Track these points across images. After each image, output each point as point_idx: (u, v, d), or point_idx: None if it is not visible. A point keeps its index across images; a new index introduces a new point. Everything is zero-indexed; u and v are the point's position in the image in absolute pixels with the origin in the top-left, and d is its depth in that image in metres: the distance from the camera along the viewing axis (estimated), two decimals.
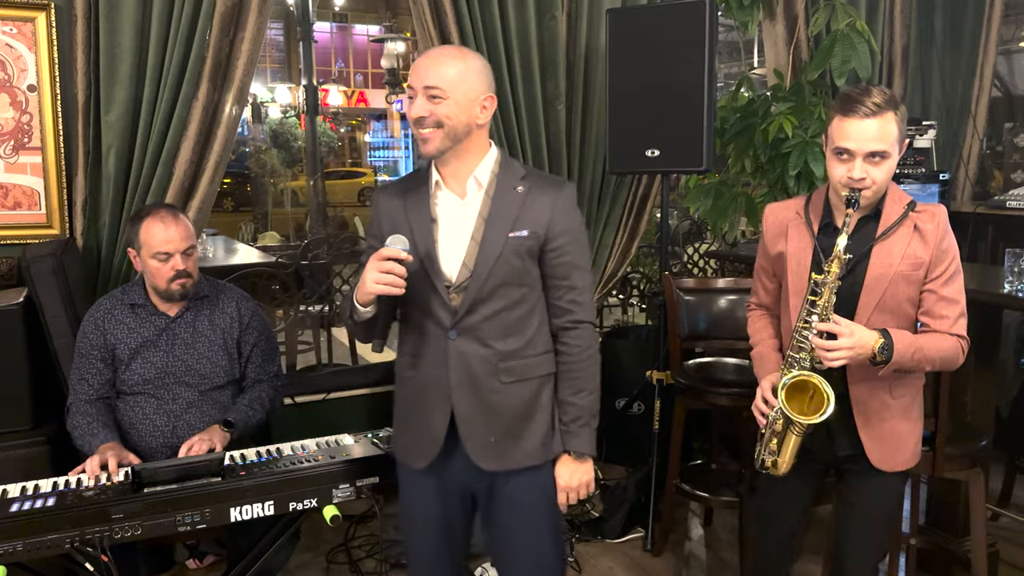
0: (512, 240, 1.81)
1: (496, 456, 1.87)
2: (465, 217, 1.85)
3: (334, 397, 3.70)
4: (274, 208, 16.68)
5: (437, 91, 1.75)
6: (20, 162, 2.92)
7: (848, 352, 1.84)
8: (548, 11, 3.49)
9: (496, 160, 1.88)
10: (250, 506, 2.04)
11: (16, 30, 2.85)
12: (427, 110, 1.76)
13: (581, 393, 1.90)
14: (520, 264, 1.83)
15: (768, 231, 2.14)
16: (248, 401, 2.53)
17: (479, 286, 1.81)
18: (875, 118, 1.84)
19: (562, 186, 1.89)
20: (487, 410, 1.85)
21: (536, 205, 1.84)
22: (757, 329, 2.20)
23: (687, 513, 3.60)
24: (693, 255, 5.50)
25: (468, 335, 1.83)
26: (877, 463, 2.00)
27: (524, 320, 1.86)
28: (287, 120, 16.60)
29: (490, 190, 1.85)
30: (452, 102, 1.76)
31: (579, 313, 1.89)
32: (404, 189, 1.92)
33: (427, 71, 1.76)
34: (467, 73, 1.78)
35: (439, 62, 1.78)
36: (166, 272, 2.43)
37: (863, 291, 1.94)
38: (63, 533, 1.89)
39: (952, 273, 1.94)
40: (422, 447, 1.90)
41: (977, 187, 4.70)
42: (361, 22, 23.51)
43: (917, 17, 4.44)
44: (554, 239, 1.85)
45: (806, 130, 3.52)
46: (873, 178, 1.87)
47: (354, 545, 3.21)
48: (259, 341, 2.62)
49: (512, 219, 1.82)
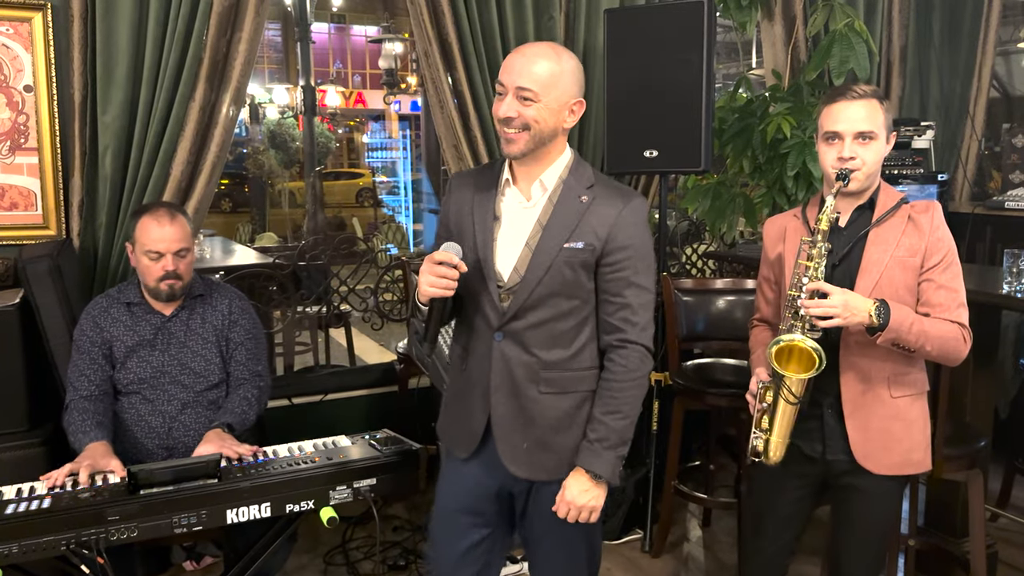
0: (566, 251, 1.78)
1: (526, 463, 1.85)
2: (527, 220, 1.83)
3: (331, 398, 3.70)
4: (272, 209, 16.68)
5: (529, 93, 1.71)
6: (16, 163, 2.91)
7: (839, 311, 1.84)
8: (546, 11, 3.48)
9: (567, 164, 1.84)
10: (247, 508, 2.03)
11: (12, 30, 2.85)
12: (516, 111, 1.73)
13: (615, 415, 1.81)
14: (572, 276, 1.79)
15: (768, 238, 2.17)
16: (238, 403, 2.50)
17: (527, 293, 1.79)
18: (861, 100, 1.93)
19: (630, 198, 1.82)
20: (523, 416, 1.84)
21: (597, 217, 1.79)
22: (758, 341, 2.20)
23: (685, 514, 3.60)
24: (691, 256, 5.49)
25: (513, 339, 1.82)
26: (862, 460, 1.98)
27: (571, 332, 1.82)
28: (285, 121, 16.60)
29: (554, 196, 1.82)
30: (543, 106, 1.72)
31: (630, 333, 1.81)
32: (476, 180, 1.90)
33: (521, 70, 1.72)
34: (561, 76, 1.73)
35: (534, 62, 1.72)
36: (156, 271, 2.43)
37: (860, 274, 1.95)
38: (59, 535, 1.88)
39: (949, 263, 1.96)
40: (464, 438, 1.91)
41: (975, 188, 4.70)
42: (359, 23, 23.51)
43: (915, 17, 4.44)
44: (611, 253, 1.79)
45: (804, 130, 3.52)
46: (863, 158, 1.92)
47: (351, 547, 3.21)
48: (245, 340, 2.59)
49: (570, 229, 1.78)
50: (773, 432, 1.98)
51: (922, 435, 2.02)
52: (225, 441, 2.30)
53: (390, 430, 2.41)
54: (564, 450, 1.84)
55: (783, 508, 2.15)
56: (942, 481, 2.67)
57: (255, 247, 8.38)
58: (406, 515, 3.47)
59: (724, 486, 3.61)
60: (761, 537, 2.21)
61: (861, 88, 1.94)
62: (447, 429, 2.00)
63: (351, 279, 4.31)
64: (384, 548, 3.19)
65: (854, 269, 1.96)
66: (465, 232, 1.87)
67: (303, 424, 3.50)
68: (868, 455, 1.98)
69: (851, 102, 1.93)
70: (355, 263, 4.51)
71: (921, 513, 2.95)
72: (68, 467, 2.14)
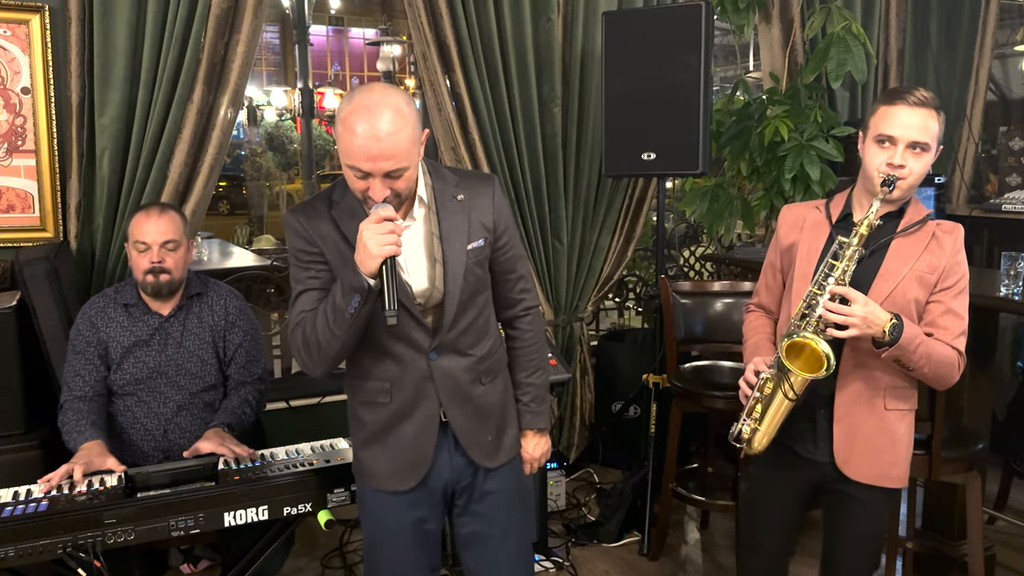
0: (471, 252, 1.82)
1: (496, 451, 1.93)
2: (416, 238, 1.80)
3: (329, 401, 3.69)
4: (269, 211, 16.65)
5: (397, 172, 1.64)
6: (14, 165, 2.91)
7: (859, 321, 1.81)
8: (544, 14, 3.49)
9: (426, 172, 1.82)
10: (244, 511, 2.03)
11: (10, 32, 2.84)
12: (388, 190, 1.65)
13: (537, 373, 2.01)
14: (482, 272, 1.88)
15: (784, 224, 2.12)
16: (238, 403, 2.51)
17: (453, 304, 1.80)
18: (921, 109, 1.86)
19: (491, 181, 1.90)
20: (479, 413, 1.89)
21: (478, 210, 1.84)
22: (754, 328, 2.18)
23: (683, 517, 3.59)
24: (689, 258, 5.50)
25: (448, 351, 1.84)
26: (841, 464, 1.97)
27: (488, 320, 1.93)
28: (283, 123, 16.58)
29: (432, 205, 1.81)
30: (409, 167, 1.66)
31: (528, 300, 1.99)
32: (332, 214, 1.78)
33: (381, 154, 1.60)
34: (409, 130, 1.63)
35: (390, 138, 1.59)
36: (143, 263, 2.42)
37: (877, 279, 1.93)
38: (56, 538, 1.88)
39: (961, 288, 1.94)
40: (408, 470, 1.85)
41: (972, 190, 4.71)
42: (357, 25, 23.51)
43: (912, 21, 4.45)
44: (500, 237, 1.89)
45: (802, 133, 3.53)
46: (911, 168, 1.87)
47: (349, 550, 3.20)
48: (244, 342, 2.59)
49: (465, 231, 1.82)
50: (763, 423, 1.97)
51: (905, 452, 2.02)
52: (224, 440, 2.30)
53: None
54: (513, 424, 1.99)
55: (778, 511, 2.14)
56: (940, 484, 2.67)
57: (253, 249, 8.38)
58: None
59: (722, 488, 3.61)
60: (758, 540, 2.20)
61: (922, 94, 1.87)
62: (381, 469, 1.87)
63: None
64: None
65: (871, 273, 1.94)
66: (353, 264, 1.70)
67: (300, 427, 3.49)
68: (848, 461, 1.98)
69: (912, 108, 1.86)
70: None
71: (919, 515, 2.95)
72: (64, 468, 2.14)
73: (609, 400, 3.95)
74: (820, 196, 3.64)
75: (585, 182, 3.72)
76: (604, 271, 3.88)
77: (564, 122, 3.63)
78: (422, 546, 1.93)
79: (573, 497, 3.71)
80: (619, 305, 5.33)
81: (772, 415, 1.96)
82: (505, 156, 3.50)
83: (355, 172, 1.64)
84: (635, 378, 3.56)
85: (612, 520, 3.38)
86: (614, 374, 3.96)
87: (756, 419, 1.98)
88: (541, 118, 3.56)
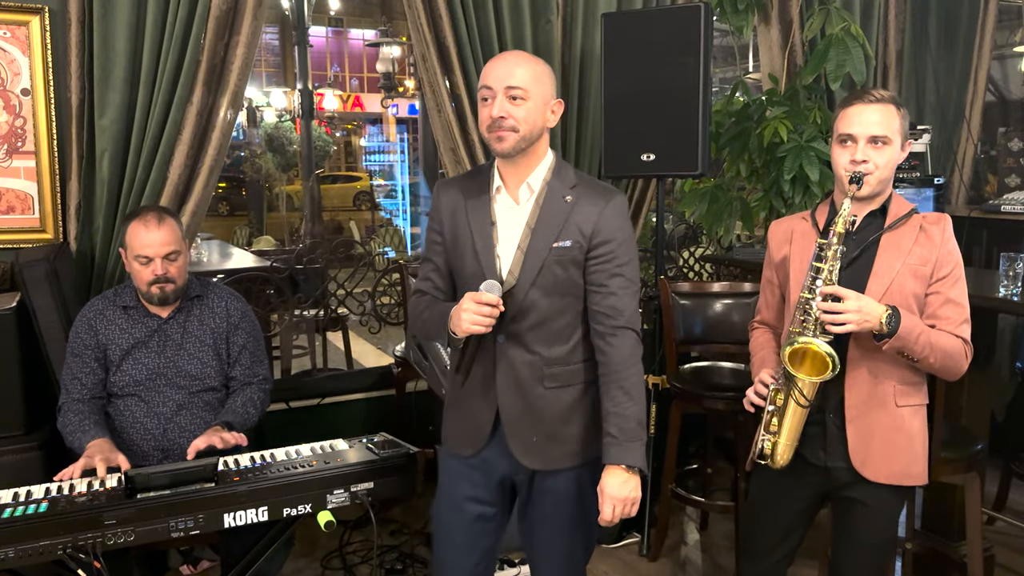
0: (555, 250, 1.85)
1: (537, 454, 1.92)
2: (517, 223, 1.89)
3: (329, 402, 3.69)
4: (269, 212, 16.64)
5: (519, 91, 1.80)
6: (13, 166, 2.91)
7: (854, 316, 1.83)
8: (543, 15, 3.49)
9: (550, 166, 1.91)
10: (244, 512, 2.03)
11: (10, 34, 2.85)
12: (506, 111, 1.80)
13: (627, 402, 1.84)
14: (563, 274, 1.86)
15: (773, 239, 2.15)
16: (241, 403, 2.51)
17: (523, 295, 1.85)
18: (877, 105, 1.91)
19: (612, 195, 1.89)
20: (531, 412, 1.90)
21: (582, 215, 1.86)
22: (760, 343, 2.19)
23: (683, 518, 3.59)
24: (688, 259, 5.50)
25: (514, 340, 1.88)
26: (859, 467, 1.97)
27: (569, 328, 1.90)
28: (282, 124, 16.57)
29: (540, 197, 1.88)
30: (531, 104, 1.81)
31: (619, 319, 1.86)
32: (464, 186, 1.96)
33: (508, 72, 1.80)
34: (542, 76, 1.83)
35: (517, 64, 1.82)
36: (146, 275, 2.42)
37: (871, 278, 1.94)
38: (56, 539, 1.87)
39: (957, 277, 1.96)
40: (469, 437, 1.97)
41: (972, 191, 4.71)
42: (357, 26, 23.51)
43: (911, 22, 4.45)
44: (597, 247, 1.86)
45: (801, 134, 3.53)
46: (875, 162, 1.91)
47: (349, 551, 3.20)
48: (248, 343, 2.60)
49: (557, 229, 1.85)
50: (782, 435, 1.98)
51: (922, 448, 2.01)
52: (220, 433, 2.32)
53: (387, 434, 2.41)
54: (571, 439, 1.92)
55: (784, 519, 2.13)
56: (939, 484, 2.67)
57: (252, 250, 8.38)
58: (403, 519, 3.47)
59: (721, 489, 3.61)
60: (760, 547, 2.19)
61: (879, 92, 1.94)
62: (452, 432, 2.04)
63: (348, 282, 4.31)
64: (381, 552, 3.18)
65: (864, 273, 1.95)
66: (462, 239, 1.91)
67: (300, 428, 3.49)
68: (866, 462, 1.97)
69: (867, 106, 1.92)
70: (352, 266, 4.51)
71: (918, 516, 2.95)
72: (82, 462, 2.16)
73: None
74: (819, 197, 3.65)
75: None
76: None
77: (563, 123, 3.63)
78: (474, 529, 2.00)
79: None
80: None
81: (789, 425, 1.97)
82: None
83: (485, 90, 1.83)
84: None
85: None
86: None
87: (774, 432, 1.99)
88: None
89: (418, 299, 2.01)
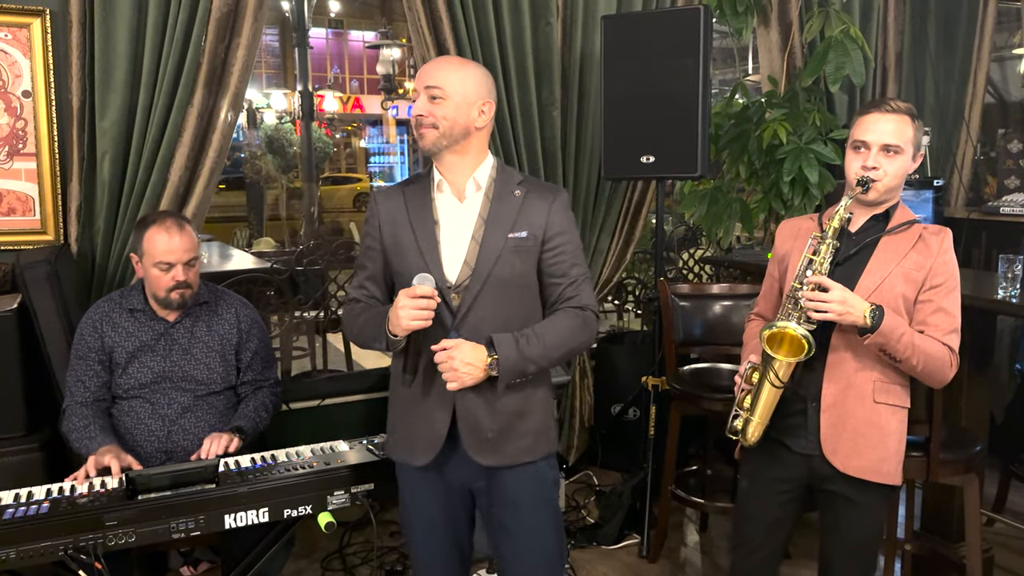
0: (512, 240, 1.89)
1: (492, 451, 1.91)
2: (465, 218, 1.92)
3: (329, 403, 3.69)
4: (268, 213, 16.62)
5: (437, 91, 1.86)
6: (15, 168, 2.91)
7: (837, 306, 1.88)
8: (543, 17, 3.50)
9: (494, 166, 1.97)
10: (244, 513, 2.03)
11: (11, 36, 2.85)
12: (426, 109, 1.86)
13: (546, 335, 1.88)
14: (520, 264, 1.90)
15: (780, 236, 2.21)
16: (254, 408, 2.54)
17: (480, 284, 1.87)
18: (893, 115, 1.97)
19: (558, 192, 1.97)
20: (487, 407, 1.90)
21: (533, 209, 1.92)
22: (752, 333, 2.23)
23: (682, 519, 3.60)
24: (688, 261, 5.51)
25: (469, 334, 1.87)
26: (829, 455, 2.00)
27: (522, 321, 1.91)
28: (283, 126, 16.56)
29: (489, 192, 1.94)
30: (451, 103, 1.86)
31: (581, 299, 1.94)
32: (404, 191, 1.99)
33: (429, 74, 1.88)
34: (467, 79, 1.89)
35: (440, 66, 1.92)
36: (166, 282, 2.43)
37: (864, 274, 1.99)
38: (57, 540, 1.88)
39: (951, 288, 1.98)
40: (424, 444, 1.93)
41: (971, 193, 4.71)
42: (357, 28, 23.51)
43: (911, 24, 4.46)
44: (551, 239, 1.92)
45: (800, 136, 3.54)
46: (885, 170, 1.96)
47: (349, 552, 3.21)
48: (259, 349, 2.63)
49: (511, 221, 1.90)
50: (755, 413, 2.02)
51: (896, 448, 2.03)
52: (221, 436, 2.35)
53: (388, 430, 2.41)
54: (527, 434, 1.94)
55: (771, 512, 2.15)
56: (938, 485, 2.68)
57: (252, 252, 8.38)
58: None
59: (721, 491, 3.61)
60: (748, 537, 2.21)
61: (896, 103, 1.99)
62: (402, 441, 2.00)
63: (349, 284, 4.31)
64: (381, 553, 3.19)
65: (858, 270, 2.00)
66: (403, 241, 1.93)
67: (301, 429, 3.49)
68: (836, 451, 2.00)
69: (883, 115, 1.98)
70: (352, 268, 4.51)
71: (917, 518, 2.95)
72: (93, 459, 2.19)
73: (608, 402, 3.96)
74: (818, 198, 3.66)
75: (584, 185, 3.72)
76: (603, 273, 3.89)
77: (563, 125, 3.64)
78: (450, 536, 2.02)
79: (572, 499, 3.72)
80: (618, 307, 5.34)
81: (762, 404, 2.01)
82: (504, 159, 3.50)
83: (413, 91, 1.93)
84: (634, 380, 3.57)
85: (611, 522, 3.39)
86: (613, 377, 3.97)
87: (747, 409, 2.04)
88: (540, 121, 3.56)
89: (352, 306, 2.02)
